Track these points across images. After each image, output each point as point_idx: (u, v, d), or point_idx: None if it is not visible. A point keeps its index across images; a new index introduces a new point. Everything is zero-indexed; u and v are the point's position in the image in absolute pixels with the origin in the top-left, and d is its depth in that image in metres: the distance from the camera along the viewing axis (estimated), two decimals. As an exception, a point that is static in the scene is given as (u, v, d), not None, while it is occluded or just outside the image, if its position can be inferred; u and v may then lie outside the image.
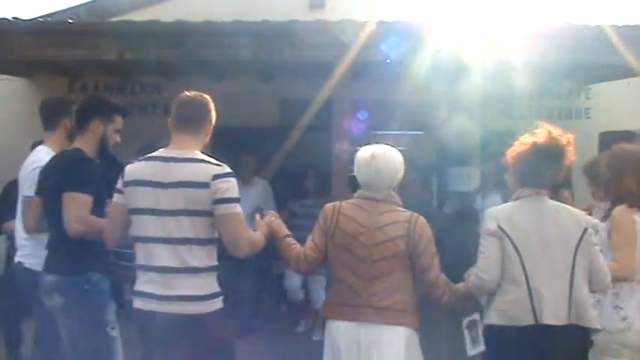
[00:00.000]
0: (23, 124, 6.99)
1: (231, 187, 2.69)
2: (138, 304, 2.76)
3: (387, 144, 3.08)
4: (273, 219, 3.09)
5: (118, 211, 2.83)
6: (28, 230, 3.55)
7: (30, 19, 5.82)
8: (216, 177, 2.66)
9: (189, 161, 2.72)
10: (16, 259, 3.69)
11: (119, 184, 2.81)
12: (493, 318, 2.80)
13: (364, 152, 3.03)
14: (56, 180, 3.11)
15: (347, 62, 4.99)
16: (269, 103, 7.35)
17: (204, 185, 2.65)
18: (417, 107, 6.92)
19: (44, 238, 3.50)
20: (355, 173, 3.05)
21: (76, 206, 3.03)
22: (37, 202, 3.36)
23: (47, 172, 3.27)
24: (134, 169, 2.78)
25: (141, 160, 2.82)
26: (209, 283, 2.74)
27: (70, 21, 5.53)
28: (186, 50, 5.09)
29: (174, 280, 2.68)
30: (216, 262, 2.78)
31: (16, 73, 7.40)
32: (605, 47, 5.08)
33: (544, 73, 6.31)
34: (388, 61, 5.10)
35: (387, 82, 6.43)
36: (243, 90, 6.92)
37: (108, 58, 5.25)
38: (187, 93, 2.90)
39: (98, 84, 7.54)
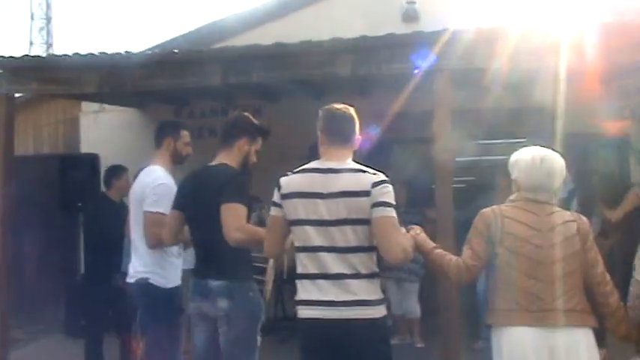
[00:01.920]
0: (133, 152, 7.40)
1: (389, 192, 2.74)
2: (309, 312, 2.76)
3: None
4: (418, 232, 3.02)
5: (277, 223, 2.89)
6: (156, 244, 3.72)
7: (139, 52, 6.15)
8: (375, 184, 2.72)
9: (347, 171, 2.79)
10: (137, 274, 3.84)
11: (275, 197, 2.87)
12: None
13: (527, 154, 2.95)
14: (215, 193, 3.24)
15: (445, 72, 4.96)
16: (367, 117, 7.38)
17: (365, 194, 2.70)
18: (518, 115, 6.75)
19: (163, 254, 3.79)
20: (516, 176, 2.96)
21: (235, 216, 3.19)
22: (176, 216, 3.50)
23: (197, 187, 3.43)
24: (291, 182, 2.85)
25: (295, 173, 2.89)
26: (378, 288, 2.79)
27: (176, 51, 5.80)
28: (287, 71, 5.23)
29: (348, 286, 2.70)
30: (377, 269, 2.82)
31: (127, 104, 7.85)
32: None
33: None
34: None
35: (487, 91, 6.32)
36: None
37: (212, 84, 5.47)
38: (336, 106, 2.97)
39: (203, 109, 7.86)
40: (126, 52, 5.64)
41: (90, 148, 7.72)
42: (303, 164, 3.03)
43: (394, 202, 2.74)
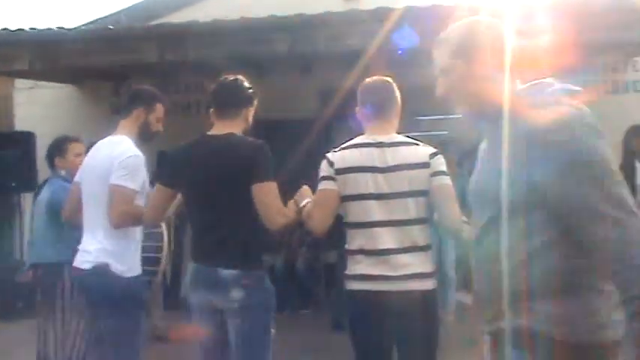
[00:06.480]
0: (70, 130, 7.22)
1: (444, 162, 2.80)
2: (362, 286, 2.76)
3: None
4: None
5: (331, 197, 2.78)
6: (124, 224, 3.22)
7: (73, 28, 5.98)
8: (432, 155, 2.78)
9: (401, 145, 2.80)
10: (94, 260, 3.27)
11: (327, 172, 2.79)
12: None
13: None
14: (238, 168, 2.81)
15: (384, 51, 4.99)
16: (309, 95, 7.40)
17: (425, 165, 2.75)
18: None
19: (127, 238, 3.30)
20: None
21: (275, 197, 2.81)
22: (166, 193, 3.02)
23: (207, 160, 2.89)
24: (344, 156, 2.79)
25: (346, 148, 2.81)
26: (431, 261, 2.82)
27: (111, 27, 5.67)
28: (224, 48, 5.18)
29: (403, 259, 2.72)
30: (430, 241, 2.84)
31: (64, 80, 7.63)
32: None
33: (586, 48, 6.17)
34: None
35: (426, 68, 6.39)
36: (282, 84, 6.99)
37: (149, 61, 5.39)
38: (371, 79, 2.89)
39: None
40: (59, 27, 5.48)
41: (25, 126, 7.48)
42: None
43: (449, 172, 2.82)
